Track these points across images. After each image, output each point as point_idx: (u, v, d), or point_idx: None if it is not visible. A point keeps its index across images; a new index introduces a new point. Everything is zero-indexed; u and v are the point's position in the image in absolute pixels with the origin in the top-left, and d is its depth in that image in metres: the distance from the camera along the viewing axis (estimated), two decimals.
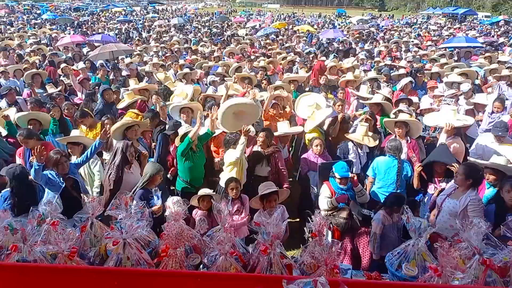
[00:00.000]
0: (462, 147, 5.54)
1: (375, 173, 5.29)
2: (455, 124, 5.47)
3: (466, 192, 4.03)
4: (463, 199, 4.03)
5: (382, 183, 5.20)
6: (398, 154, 5.14)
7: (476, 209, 3.91)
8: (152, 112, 6.39)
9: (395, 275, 3.00)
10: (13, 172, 4.34)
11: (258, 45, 18.80)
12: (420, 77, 9.47)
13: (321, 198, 4.76)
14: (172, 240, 2.86)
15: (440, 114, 6.06)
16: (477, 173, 4.09)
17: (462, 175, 4.05)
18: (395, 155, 5.14)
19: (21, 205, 4.21)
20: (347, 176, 4.65)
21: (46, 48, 15.21)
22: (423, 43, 19.38)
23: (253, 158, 5.44)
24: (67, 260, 2.71)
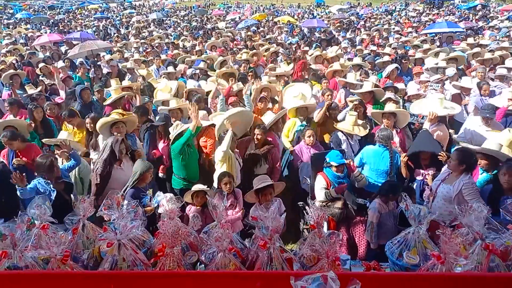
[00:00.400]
0: (446, 134, 5.57)
1: (362, 162, 5.25)
2: (440, 113, 5.50)
3: (460, 177, 4.04)
4: (456, 184, 4.05)
5: (373, 172, 5.16)
6: (389, 144, 5.11)
7: (471, 192, 3.93)
8: (142, 109, 6.24)
9: (396, 264, 2.97)
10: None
11: (240, 37, 18.63)
12: (405, 63, 9.51)
13: (317, 189, 4.72)
14: (168, 239, 2.77)
15: (427, 102, 6.05)
16: (470, 159, 4.10)
17: (456, 161, 4.06)
18: (386, 144, 5.09)
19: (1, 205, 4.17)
20: (343, 163, 4.61)
21: (23, 48, 14.75)
22: (404, 30, 19.51)
23: (251, 160, 5.38)
24: (60, 264, 2.61)
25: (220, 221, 3.08)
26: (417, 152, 4.92)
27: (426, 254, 2.89)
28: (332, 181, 4.71)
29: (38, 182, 4.18)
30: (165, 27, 24.87)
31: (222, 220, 3.07)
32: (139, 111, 6.13)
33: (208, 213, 4.22)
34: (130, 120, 5.62)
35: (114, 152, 4.70)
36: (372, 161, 5.13)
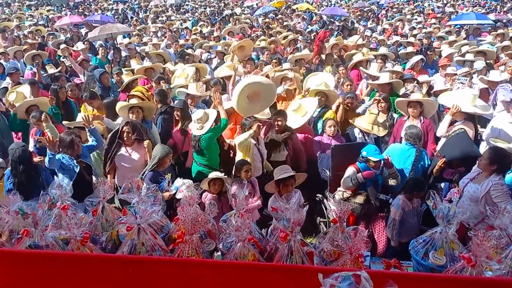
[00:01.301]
0: (472, 133, 5.19)
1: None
2: (465, 109, 5.15)
3: (490, 177, 3.85)
4: (485, 184, 3.85)
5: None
6: (418, 143, 4.86)
7: (500, 194, 3.73)
8: (162, 94, 6.19)
9: (420, 264, 2.86)
10: (13, 153, 4.30)
11: (257, 24, 18.37)
12: (430, 55, 9.16)
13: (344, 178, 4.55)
14: (188, 226, 2.73)
15: (458, 95, 5.65)
16: (503, 159, 3.88)
17: (487, 160, 3.85)
18: (414, 143, 4.86)
19: (21, 185, 4.22)
20: (382, 158, 4.44)
21: (44, 30, 14.85)
22: (427, 21, 18.92)
23: (269, 145, 5.26)
24: (80, 245, 2.61)
25: (240, 210, 3.02)
26: (454, 156, 4.64)
27: (454, 255, 2.79)
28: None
29: (62, 157, 4.20)
30: (183, 11, 24.68)
31: (242, 209, 3.01)
32: (158, 95, 6.07)
33: (224, 201, 4.22)
34: (148, 106, 5.55)
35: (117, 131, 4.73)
36: (396, 160, 4.87)
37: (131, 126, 4.80)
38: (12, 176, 4.33)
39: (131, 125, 4.82)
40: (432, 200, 2.95)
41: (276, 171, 4.12)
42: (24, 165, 4.28)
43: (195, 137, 5.14)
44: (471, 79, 7.04)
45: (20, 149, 4.28)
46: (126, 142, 4.80)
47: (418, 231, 4.11)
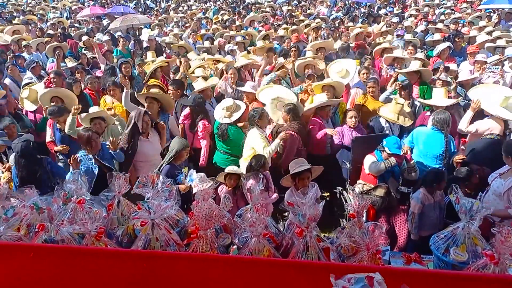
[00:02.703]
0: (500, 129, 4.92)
1: (412, 144, 4.90)
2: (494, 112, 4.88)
3: None
4: (509, 180, 3.70)
5: (424, 156, 4.82)
6: (446, 129, 4.72)
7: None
8: (177, 82, 6.17)
9: (441, 260, 2.76)
10: (15, 147, 4.34)
11: (280, 12, 18.09)
12: (458, 42, 8.79)
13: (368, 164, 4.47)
14: (202, 221, 2.70)
15: (489, 93, 5.20)
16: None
17: (504, 153, 3.67)
18: (442, 129, 4.71)
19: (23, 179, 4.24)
20: (397, 153, 4.34)
21: (66, 21, 15.10)
22: (457, 5, 18.14)
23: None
24: (94, 240, 2.62)
25: (255, 204, 2.98)
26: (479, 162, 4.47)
27: (476, 252, 2.67)
28: None
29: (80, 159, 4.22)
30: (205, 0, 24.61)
31: (257, 204, 2.97)
32: (174, 85, 6.05)
33: (239, 195, 4.19)
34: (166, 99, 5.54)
35: (137, 125, 4.65)
36: (423, 144, 4.77)
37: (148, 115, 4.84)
38: (16, 170, 4.35)
39: (148, 114, 4.85)
40: (455, 195, 2.84)
41: (292, 164, 4.05)
42: (27, 159, 4.30)
43: (222, 125, 5.15)
44: (502, 67, 6.70)
45: (22, 144, 4.29)
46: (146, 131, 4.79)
47: (441, 225, 4.00)
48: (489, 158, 4.40)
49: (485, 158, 4.48)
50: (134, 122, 4.66)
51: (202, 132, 5.34)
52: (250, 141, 4.85)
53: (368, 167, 4.47)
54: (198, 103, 5.45)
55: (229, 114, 5.12)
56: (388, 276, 1.75)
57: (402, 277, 2.11)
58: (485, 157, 4.51)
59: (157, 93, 5.57)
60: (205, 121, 5.35)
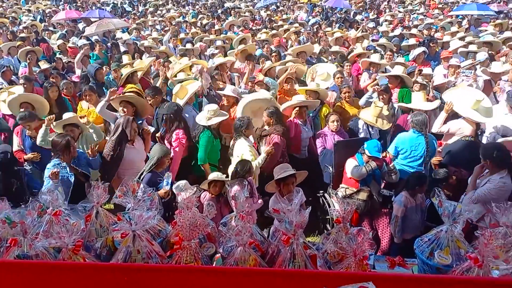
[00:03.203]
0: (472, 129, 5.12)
1: (397, 151, 4.98)
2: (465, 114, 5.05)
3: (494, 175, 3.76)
4: (485, 179, 3.80)
5: (407, 160, 4.91)
6: (424, 130, 4.82)
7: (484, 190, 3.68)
8: (155, 89, 6.02)
9: (426, 263, 2.77)
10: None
11: (259, 16, 18.14)
12: (433, 46, 9.03)
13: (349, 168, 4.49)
14: (186, 231, 2.62)
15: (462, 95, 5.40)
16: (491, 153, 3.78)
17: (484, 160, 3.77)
18: (421, 130, 4.81)
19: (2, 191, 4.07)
20: (377, 156, 4.37)
21: (40, 25, 14.66)
22: (429, 11, 18.67)
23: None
24: (71, 254, 2.49)
25: (240, 212, 2.92)
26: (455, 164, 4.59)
27: (460, 254, 2.70)
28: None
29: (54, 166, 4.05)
30: (183, 4, 24.42)
31: (242, 211, 2.91)
32: (151, 92, 5.85)
33: (223, 202, 4.12)
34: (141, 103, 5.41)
35: (125, 132, 4.54)
36: (408, 148, 4.87)
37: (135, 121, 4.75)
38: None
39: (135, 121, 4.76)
40: (438, 198, 2.87)
41: (276, 169, 4.01)
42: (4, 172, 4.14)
43: (199, 127, 5.09)
44: (475, 71, 6.90)
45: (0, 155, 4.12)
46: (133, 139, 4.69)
47: (422, 227, 4.06)
48: (465, 159, 4.52)
49: (461, 160, 4.60)
50: (122, 129, 4.52)
51: (175, 141, 5.06)
52: (239, 152, 4.77)
53: (350, 171, 4.49)
54: (174, 111, 5.18)
55: (208, 117, 5.04)
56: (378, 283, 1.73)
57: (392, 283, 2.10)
58: (461, 158, 4.62)
59: (132, 96, 5.38)
60: (180, 130, 5.10)
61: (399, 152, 4.98)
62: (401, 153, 4.96)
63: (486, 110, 5.17)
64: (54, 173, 3.87)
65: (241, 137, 4.85)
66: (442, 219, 2.78)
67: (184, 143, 5.08)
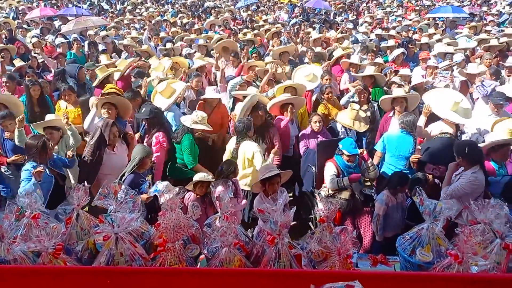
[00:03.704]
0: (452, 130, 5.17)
1: (385, 148, 5.03)
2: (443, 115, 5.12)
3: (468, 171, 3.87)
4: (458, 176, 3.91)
5: (393, 158, 4.97)
6: (414, 130, 4.89)
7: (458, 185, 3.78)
8: (132, 92, 5.88)
9: (408, 261, 2.82)
10: None
11: (239, 16, 18.12)
12: (411, 48, 9.22)
13: (327, 177, 4.52)
14: (170, 233, 2.58)
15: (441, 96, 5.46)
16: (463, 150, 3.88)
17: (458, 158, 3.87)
18: (411, 131, 4.88)
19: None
20: (356, 153, 4.42)
21: (13, 22, 14.19)
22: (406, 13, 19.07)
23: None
24: (52, 258, 2.42)
25: (225, 213, 2.90)
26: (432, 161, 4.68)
27: (440, 251, 2.76)
28: (343, 170, 4.52)
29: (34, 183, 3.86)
30: (163, 3, 24.14)
31: (227, 212, 2.90)
32: (129, 95, 5.68)
33: (208, 203, 4.07)
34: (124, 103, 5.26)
35: (103, 136, 4.41)
36: (395, 146, 4.93)
37: (117, 126, 4.59)
38: None
39: (117, 124, 4.60)
40: (419, 197, 2.92)
41: (261, 169, 4.01)
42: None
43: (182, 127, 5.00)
44: (452, 72, 7.09)
45: None
46: (113, 143, 4.55)
47: (403, 225, 4.14)
48: (443, 156, 4.59)
49: (439, 157, 4.68)
50: (101, 133, 4.40)
51: (155, 146, 4.94)
52: (250, 153, 4.71)
53: (326, 180, 4.55)
54: (155, 114, 5.08)
55: (194, 121, 4.97)
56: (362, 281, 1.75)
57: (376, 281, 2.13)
58: (439, 155, 4.70)
59: (114, 97, 5.24)
60: (160, 133, 4.99)
61: (386, 150, 5.03)
62: (388, 151, 5.02)
63: (465, 111, 5.26)
64: (38, 172, 3.77)
65: (246, 139, 4.80)
66: (422, 218, 2.85)
67: (165, 146, 4.99)
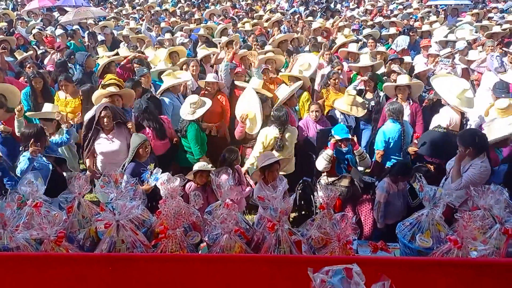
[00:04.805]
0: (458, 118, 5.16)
1: (387, 144, 4.96)
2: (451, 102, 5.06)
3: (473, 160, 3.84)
4: (467, 166, 3.87)
5: (391, 151, 4.96)
6: (400, 118, 4.90)
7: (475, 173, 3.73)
8: (132, 81, 5.87)
9: (407, 247, 2.84)
10: None
11: (238, 5, 17.97)
12: (412, 36, 9.14)
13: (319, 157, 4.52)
14: (170, 220, 2.60)
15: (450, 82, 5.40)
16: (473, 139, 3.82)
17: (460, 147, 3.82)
18: (397, 119, 4.88)
19: None
20: (347, 137, 4.40)
21: (13, 14, 14.12)
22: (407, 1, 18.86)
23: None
24: (54, 246, 2.45)
25: (225, 200, 2.92)
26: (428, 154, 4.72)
27: (440, 237, 2.77)
28: (336, 156, 4.53)
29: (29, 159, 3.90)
30: None
31: (227, 200, 2.91)
32: (130, 86, 5.65)
33: (209, 191, 4.08)
34: (127, 93, 5.32)
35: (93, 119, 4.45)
36: (388, 137, 4.92)
37: (110, 110, 4.54)
38: None
39: (110, 109, 4.55)
40: (418, 183, 2.93)
41: (260, 158, 4.01)
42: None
43: (184, 121, 5.00)
44: (453, 60, 7.04)
45: None
46: (106, 128, 4.55)
47: (404, 212, 4.15)
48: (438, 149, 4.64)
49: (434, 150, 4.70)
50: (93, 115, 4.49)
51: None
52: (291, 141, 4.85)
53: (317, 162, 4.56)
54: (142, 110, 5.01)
55: (193, 111, 4.98)
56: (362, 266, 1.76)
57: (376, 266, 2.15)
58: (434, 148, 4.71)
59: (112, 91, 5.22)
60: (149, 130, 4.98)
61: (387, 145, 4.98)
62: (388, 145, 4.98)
63: (469, 101, 5.22)
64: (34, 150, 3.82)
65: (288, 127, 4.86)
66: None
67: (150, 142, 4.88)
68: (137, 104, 5.11)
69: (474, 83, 6.84)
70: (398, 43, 8.46)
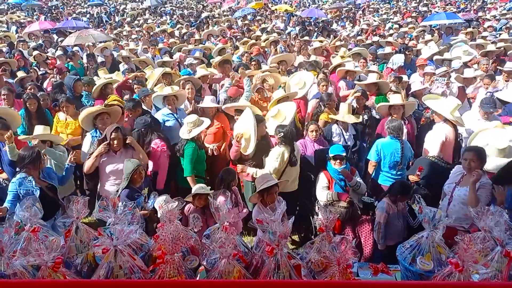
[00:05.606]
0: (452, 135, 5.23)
1: (379, 157, 5.01)
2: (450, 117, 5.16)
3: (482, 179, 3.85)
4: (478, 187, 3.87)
5: (387, 167, 4.98)
6: (400, 135, 4.93)
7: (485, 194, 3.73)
8: (133, 101, 5.91)
9: (408, 270, 2.81)
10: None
11: (236, 26, 18.27)
12: (408, 55, 9.28)
13: (318, 188, 4.55)
14: (168, 245, 2.58)
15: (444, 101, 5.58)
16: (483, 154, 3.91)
17: (477, 161, 3.84)
18: (398, 136, 4.91)
19: None
20: (341, 153, 4.43)
21: (14, 36, 14.31)
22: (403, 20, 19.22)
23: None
24: (51, 272, 2.41)
25: (223, 223, 2.90)
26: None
27: (441, 260, 2.75)
28: (334, 178, 4.53)
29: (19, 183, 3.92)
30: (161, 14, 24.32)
31: (225, 223, 2.89)
32: (130, 105, 5.69)
33: (208, 214, 4.04)
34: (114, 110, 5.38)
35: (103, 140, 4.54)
36: (388, 154, 4.94)
37: (121, 131, 4.63)
38: None
39: (121, 130, 4.65)
40: (418, 204, 2.92)
41: (258, 179, 4.01)
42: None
43: (182, 141, 5.03)
44: (449, 78, 7.13)
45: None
46: (116, 149, 4.60)
47: (405, 233, 4.12)
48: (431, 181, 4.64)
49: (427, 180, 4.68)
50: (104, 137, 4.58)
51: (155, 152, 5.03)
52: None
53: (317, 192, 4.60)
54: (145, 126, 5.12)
55: (189, 130, 5.02)
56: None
57: None
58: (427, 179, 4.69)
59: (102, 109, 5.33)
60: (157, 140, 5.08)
61: (381, 158, 5.02)
62: (382, 158, 5.01)
63: (460, 118, 5.33)
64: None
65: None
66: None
67: (166, 150, 5.07)
68: (141, 120, 5.18)
69: (470, 101, 6.93)
70: (394, 61, 8.59)
